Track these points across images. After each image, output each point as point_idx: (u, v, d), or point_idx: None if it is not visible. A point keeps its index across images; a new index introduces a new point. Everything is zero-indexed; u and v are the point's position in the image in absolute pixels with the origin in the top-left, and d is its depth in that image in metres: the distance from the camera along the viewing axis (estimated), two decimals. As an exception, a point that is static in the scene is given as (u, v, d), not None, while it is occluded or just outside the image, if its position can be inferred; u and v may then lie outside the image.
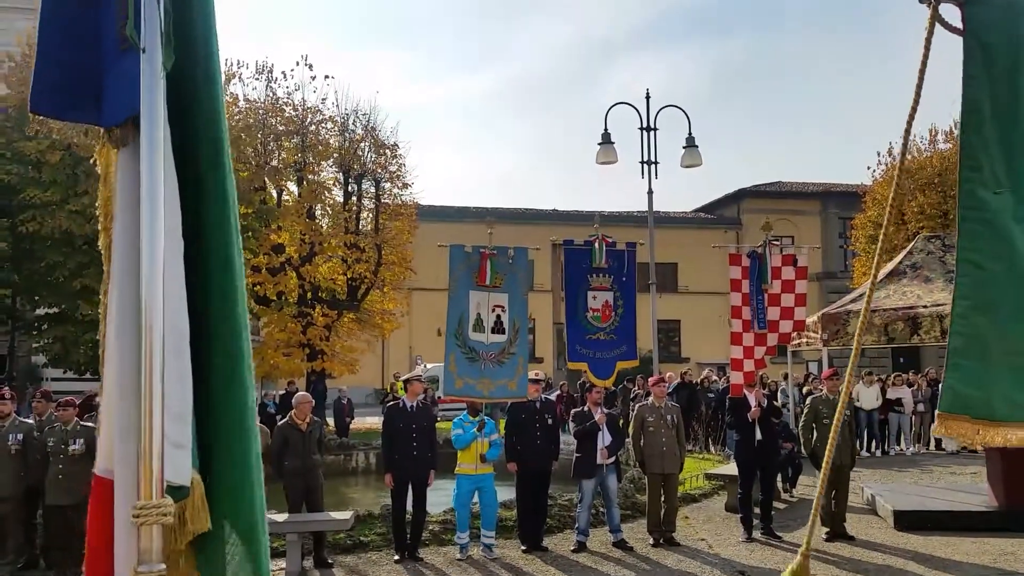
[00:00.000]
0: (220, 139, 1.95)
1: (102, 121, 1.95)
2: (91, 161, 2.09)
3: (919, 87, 2.58)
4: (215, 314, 1.89)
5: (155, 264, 1.71)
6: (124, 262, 1.86)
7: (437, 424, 9.72)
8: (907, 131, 2.75)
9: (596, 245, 9.88)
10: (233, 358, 1.89)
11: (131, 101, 1.83)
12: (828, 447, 2.79)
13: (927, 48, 2.54)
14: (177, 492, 1.76)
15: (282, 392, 19.24)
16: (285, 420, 8.71)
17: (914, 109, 2.63)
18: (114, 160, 1.96)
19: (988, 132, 2.56)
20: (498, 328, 8.98)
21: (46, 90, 1.97)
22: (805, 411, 9.81)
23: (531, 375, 9.34)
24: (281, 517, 8.01)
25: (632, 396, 17.60)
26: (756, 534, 9.19)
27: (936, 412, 2.60)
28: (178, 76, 1.88)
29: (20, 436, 8.11)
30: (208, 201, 1.92)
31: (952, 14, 2.57)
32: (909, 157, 28.90)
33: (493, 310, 8.99)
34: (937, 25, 2.55)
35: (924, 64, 2.55)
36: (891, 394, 16.96)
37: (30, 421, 8.70)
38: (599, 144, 13.98)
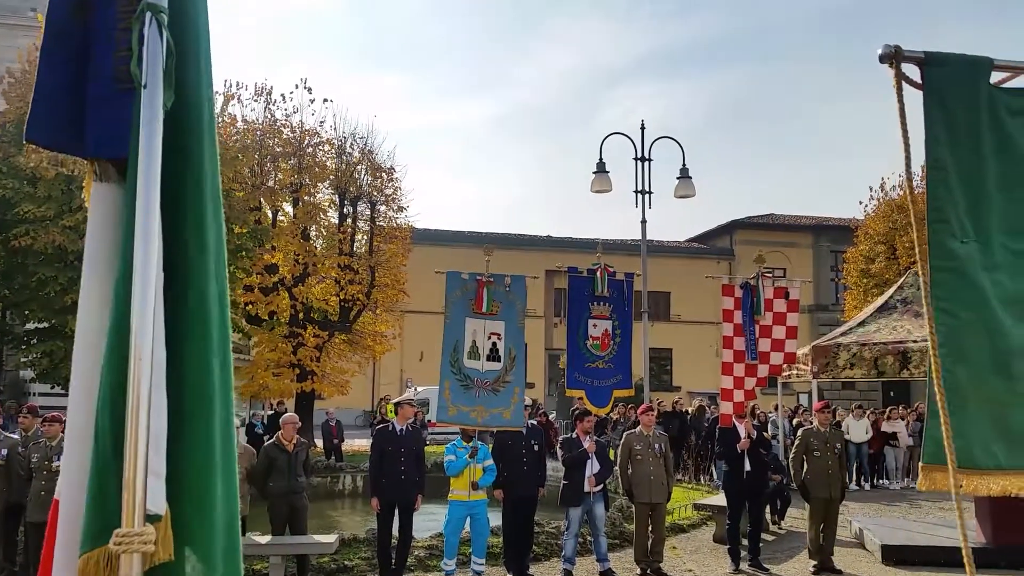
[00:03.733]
0: (202, 181, 1.94)
1: (85, 152, 1.99)
2: (83, 183, 2.11)
3: (906, 140, 2.64)
4: (187, 348, 1.89)
5: (147, 298, 1.75)
6: (88, 291, 1.96)
7: (427, 448, 9.65)
8: (908, 178, 2.74)
9: (599, 274, 9.94)
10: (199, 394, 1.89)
11: (124, 142, 1.85)
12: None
13: (900, 103, 2.61)
14: (150, 520, 1.77)
15: (270, 413, 19.13)
16: (271, 441, 8.65)
17: (908, 159, 2.68)
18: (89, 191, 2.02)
19: (953, 186, 2.63)
20: (493, 356, 8.95)
21: (40, 120, 2.01)
22: (796, 443, 9.79)
23: (521, 402, 9.28)
24: (264, 539, 7.92)
25: (612, 423, 17.49)
26: (744, 566, 9.14)
27: (920, 464, 2.61)
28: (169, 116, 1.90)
29: (4, 451, 8.02)
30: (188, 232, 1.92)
31: (914, 71, 2.66)
32: (900, 193, 29.31)
33: (489, 337, 8.95)
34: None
35: (903, 119, 2.63)
36: (886, 427, 16.96)
37: (15, 436, 8.61)
38: (594, 173, 14.07)
